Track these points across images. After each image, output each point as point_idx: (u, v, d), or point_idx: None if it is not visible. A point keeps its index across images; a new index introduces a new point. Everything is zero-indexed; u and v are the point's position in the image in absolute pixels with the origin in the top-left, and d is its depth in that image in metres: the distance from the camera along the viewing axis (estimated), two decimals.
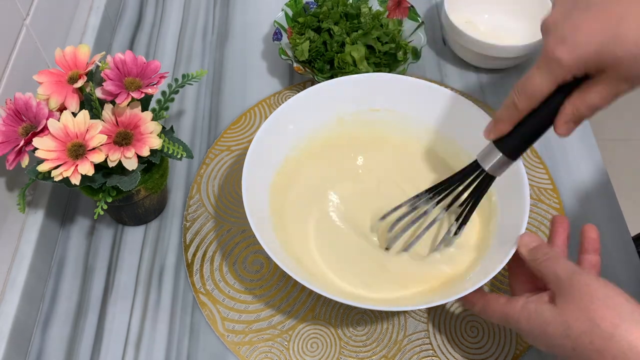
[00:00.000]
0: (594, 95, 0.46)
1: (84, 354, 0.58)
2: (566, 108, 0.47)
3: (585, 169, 0.70)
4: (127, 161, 0.53)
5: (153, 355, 0.58)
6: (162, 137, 0.57)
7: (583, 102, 0.46)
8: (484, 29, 0.82)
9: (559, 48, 0.44)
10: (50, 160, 0.51)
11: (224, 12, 0.87)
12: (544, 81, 0.46)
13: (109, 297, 0.61)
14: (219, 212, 0.67)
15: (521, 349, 0.58)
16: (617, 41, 0.42)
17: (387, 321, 0.59)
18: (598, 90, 0.45)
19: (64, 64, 0.56)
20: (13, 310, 0.56)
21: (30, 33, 0.62)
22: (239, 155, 0.71)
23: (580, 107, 0.47)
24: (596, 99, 0.46)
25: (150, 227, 0.66)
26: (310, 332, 0.59)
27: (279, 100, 0.76)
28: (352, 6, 0.77)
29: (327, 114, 0.65)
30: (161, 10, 0.87)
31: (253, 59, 0.81)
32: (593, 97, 0.46)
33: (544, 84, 0.47)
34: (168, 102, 0.60)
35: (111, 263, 0.63)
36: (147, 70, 0.56)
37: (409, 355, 0.57)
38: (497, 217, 0.58)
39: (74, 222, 0.66)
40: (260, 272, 0.62)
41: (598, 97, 0.46)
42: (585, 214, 0.67)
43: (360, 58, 0.73)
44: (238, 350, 0.57)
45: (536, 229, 0.65)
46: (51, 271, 0.63)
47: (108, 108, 0.55)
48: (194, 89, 0.77)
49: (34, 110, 0.53)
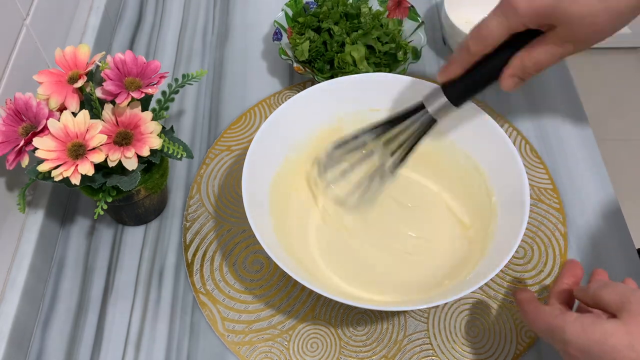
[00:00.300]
0: (540, 51, 0.48)
1: (84, 354, 0.58)
2: (513, 62, 0.49)
3: (585, 169, 0.70)
4: (127, 161, 0.53)
5: (153, 355, 0.58)
6: (162, 137, 0.57)
7: (530, 56, 0.48)
8: None
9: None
10: (50, 160, 0.51)
11: (224, 12, 0.87)
12: (497, 26, 0.48)
13: (109, 297, 0.61)
14: (219, 212, 0.67)
15: (521, 348, 0.58)
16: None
17: (387, 321, 0.59)
18: (545, 47, 0.47)
19: (64, 64, 0.56)
20: (13, 310, 0.56)
21: (30, 33, 0.62)
22: (239, 155, 0.71)
23: (527, 62, 0.48)
24: (542, 55, 0.48)
25: (150, 227, 0.66)
26: (310, 332, 0.59)
27: (279, 100, 0.76)
28: (352, 6, 0.77)
29: (327, 114, 0.65)
30: (161, 10, 0.87)
31: (253, 59, 0.81)
32: (539, 52, 0.48)
33: (497, 29, 0.48)
34: (168, 102, 0.60)
35: (111, 263, 0.63)
36: (147, 70, 0.56)
37: (409, 355, 0.57)
38: (497, 217, 0.58)
39: (74, 222, 0.66)
40: (260, 272, 0.62)
41: (544, 54, 0.48)
42: (585, 213, 0.67)
43: (360, 58, 0.73)
44: (238, 350, 0.57)
45: (536, 229, 0.65)
46: (51, 271, 0.63)
47: (108, 108, 0.55)
48: (194, 89, 0.77)
49: (34, 110, 0.53)
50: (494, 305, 0.60)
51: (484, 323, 0.59)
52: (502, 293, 0.61)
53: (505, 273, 0.62)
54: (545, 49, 0.48)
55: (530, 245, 0.64)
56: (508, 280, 0.62)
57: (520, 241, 0.52)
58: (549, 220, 0.66)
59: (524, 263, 0.63)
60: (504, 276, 0.62)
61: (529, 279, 0.62)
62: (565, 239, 0.65)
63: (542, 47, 0.48)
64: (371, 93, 0.65)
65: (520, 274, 0.62)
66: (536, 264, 0.63)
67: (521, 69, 0.49)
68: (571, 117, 0.75)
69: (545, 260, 0.63)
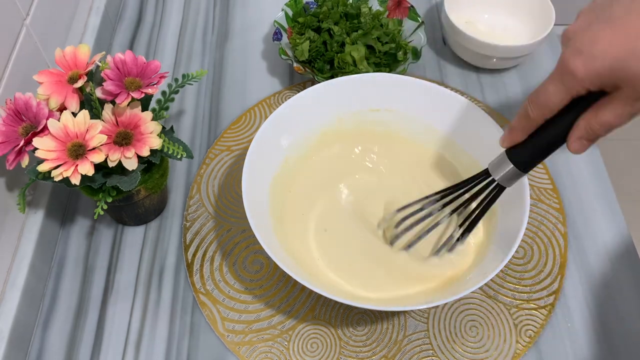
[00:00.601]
0: (608, 112, 0.44)
1: (84, 353, 0.58)
2: (579, 124, 0.46)
3: (585, 169, 0.70)
4: (127, 161, 0.53)
5: (153, 355, 0.58)
6: (162, 137, 0.57)
7: (597, 119, 0.45)
8: (484, 29, 0.82)
9: (574, 59, 0.43)
10: (50, 160, 0.51)
11: (224, 12, 0.87)
12: (556, 93, 0.45)
13: (109, 297, 0.61)
14: (219, 212, 0.67)
15: (521, 348, 0.58)
16: (634, 57, 0.41)
17: (387, 321, 0.59)
18: (612, 107, 0.44)
19: (64, 64, 0.56)
20: (13, 310, 0.56)
21: (30, 33, 0.62)
22: (239, 155, 0.71)
23: (594, 125, 0.45)
24: (610, 117, 0.44)
25: (150, 227, 0.66)
26: (310, 332, 0.59)
27: (279, 100, 0.76)
28: (352, 6, 0.77)
29: (327, 114, 0.65)
30: (161, 10, 0.87)
31: (253, 59, 0.81)
32: (607, 114, 0.44)
33: (556, 95, 0.45)
34: (168, 102, 0.60)
35: (111, 263, 0.63)
36: (147, 70, 0.56)
37: (409, 355, 0.57)
38: (497, 217, 0.58)
39: (74, 222, 0.66)
40: (260, 272, 0.62)
41: (612, 115, 0.44)
42: (585, 213, 0.67)
43: (360, 58, 0.73)
44: (238, 350, 0.57)
45: (536, 229, 0.65)
46: (51, 271, 0.63)
47: (108, 108, 0.55)
48: (194, 89, 0.77)
49: (34, 110, 0.53)
50: (494, 305, 0.60)
51: (484, 323, 0.59)
52: (502, 293, 0.61)
53: (505, 273, 0.62)
54: (613, 110, 0.44)
55: (530, 245, 0.64)
56: (508, 280, 0.62)
57: (520, 241, 0.52)
58: (549, 220, 0.66)
59: (524, 263, 0.63)
60: (504, 276, 0.62)
61: (528, 279, 0.62)
62: (565, 239, 0.65)
63: (609, 108, 0.44)
64: (371, 93, 0.65)
65: (520, 274, 0.62)
66: (536, 264, 0.63)
67: (589, 131, 0.45)
68: None
69: (545, 260, 0.63)
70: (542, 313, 0.60)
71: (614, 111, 0.44)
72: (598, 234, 0.65)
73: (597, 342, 0.58)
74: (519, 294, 0.61)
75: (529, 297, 0.60)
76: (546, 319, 0.59)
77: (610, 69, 0.42)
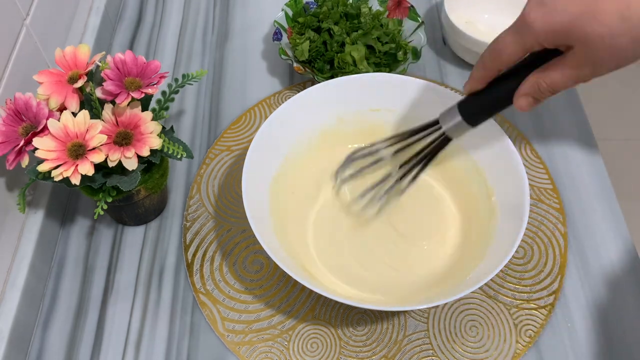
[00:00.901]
0: (556, 72, 0.45)
1: (84, 354, 0.58)
2: (528, 80, 0.46)
3: (585, 169, 0.70)
4: (127, 161, 0.53)
5: (153, 355, 0.58)
6: (162, 137, 0.57)
7: (545, 77, 0.45)
8: (484, 29, 0.82)
9: (534, 11, 0.43)
10: (50, 160, 0.51)
11: (224, 12, 0.87)
12: (512, 43, 0.45)
13: (109, 297, 0.61)
14: (219, 212, 0.67)
15: (521, 348, 0.58)
16: (591, 17, 0.41)
17: (387, 321, 0.59)
18: (562, 68, 0.44)
19: (64, 64, 0.56)
20: (13, 310, 0.56)
21: (30, 33, 0.62)
22: (239, 155, 0.71)
23: (541, 83, 0.46)
24: (557, 77, 0.45)
25: (150, 227, 0.66)
26: (310, 332, 0.59)
27: (279, 100, 0.76)
28: (352, 6, 0.77)
29: (327, 114, 0.65)
30: (161, 10, 0.87)
31: (253, 59, 0.81)
32: (555, 74, 0.45)
33: (511, 45, 0.46)
34: (168, 102, 0.60)
35: (111, 263, 0.63)
36: (147, 70, 0.56)
37: (409, 355, 0.57)
38: (497, 217, 0.58)
39: (74, 222, 0.66)
40: (260, 272, 0.62)
41: (559, 76, 0.45)
42: (585, 214, 0.67)
43: (360, 58, 0.73)
44: (238, 350, 0.57)
45: (536, 229, 0.65)
46: (51, 271, 0.63)
47: (108, 108, 0.55)
48: (194, 89, 0.77)
49: (34, 110, 0.53)
50: (494, 305, 0.60)
51: (484, 323, 0.59)
52: (502, 293, 0.61)
53: (505, 273, 0.62)
54: (561, 71, 0.44)
55: (530, 245, 0.64)
56: (508, 280, 0.62)
57: (520, 241, 0.52)
58: (549, 220, 0.66)
59: (524, 263, 0.63)
60: (504, 276, 0.62)
61: (528, 279, 0.62)
62: (565, 239, 0.65)
63: (558, 68, 0.45)
64: (371, 93, 0.65)
65: (520, 274, 0.62)
66: (536, 264, 0.63)
67: (535, 89, 0.46)
68: (571, 117, 0.75)
69: (545, 261, 0.63)
70: (542, 313, 0.60)
71: (562, 72, 0.44)
72: (598, 234, 0.65)
73: (597, 342, 0.58)
74: (519, 294, 0.61)
75: (529, 297, 0.60)
76: (546, 319, 0.59)
77: (567, 26, 0.42)
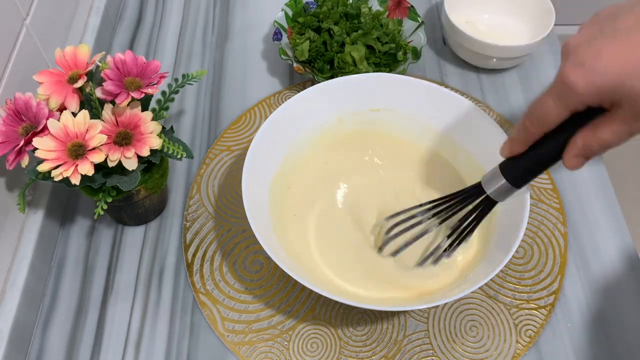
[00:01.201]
0: (606, 131, 0.42)
1: (84, 354, 0.58)
2: (576, 141, 0.44)
3: (585, 169, 0.70)
4: (127, 161, 0.53)
5: (153, 355, 0.58)
6: (162, 137, 0.57)
7: (594, 137, 0.43)
8: (484, 29, 0.82)
9: (574, 72, 0.41)
10: (50, 160, 0.51)
11: (224, 12, 0.87)
12: (555, 107, 0.43)
13: (109, 297, 0.61)
14: (219, 212, 0.67)
15: (521, 348, 0.58)
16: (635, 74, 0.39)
17: (387, 321, 0.59)
18: (611, 126, 0.42)
19: (64, 64, 0.56)
20: (13, 310, 0.56)
21: (30, 33, 0.62)
22: (239, 155, 0.71)
23: (591, 142, 0.43)
24: (608, 135, 0.42)
25: (150, 227, 0.66)
26: (310, 332, 0.59)
27: (279, 100, 0.76)
28: (352, 6, 0.77)
29: (327, 114, 0.65)
30: (161, 10, 0.87)
31: (253, 59, 0.81)
32: (605, 133, 0.42)
33: (555, 109, 0.44)
34: (168, 102, 0.60)
35: (111, 263, 0.63)
36: (147, 70, 0.56)
37: (409, 355, 0.57)
38: (497, 217, 0.58)
39: (74, 222, 0.66)
40: (260, 272, 0.62)
41: (610, 134, 0.42)
42: (585, 214, 0.67)
43: (360, 58, 0.73)
44: (238, 350, 0.57)
45: (536, 229, 0.65)
46: (51, 271, 0.63)
47: (108, 108, 0.55)
48: (194, 89, 0.77)
49: (34, 110, 0.53)
50: (494, 305, 0.60)
51: (484, 323, 0.59)
52: (502, 293, 0.61)
53: (505, 273, 0.62)
54: (611, 129, 0.42)
55: (530, 245, 0.64)
56: (508, 280, 0.62)
57: (520, 241, 0.52)
58: (549, 220, 0.66)
59: (524, 263, 0.63)
60: (504, 276, 0.62)
61: (528, 279, 0.62)
62: (565, 239, 0.65)
63: (607, 125, 0.42)
64: (371, 93, 0.65)
65: (520, 274, 0.62)
66: (536, 264, 0.63)
67: (586, 149, 0.44)
68: None
69: (545, 261, 0.63)
70: (542, 313, 0.60)
71: (613, 130, 0.42)
72: (598, 234, 0.65)
73: (597, 342, 0.58)
74: (519, 294, 0.61)
75: (529, 297, 0.61)
76: (546, 319, 0.59)
77: (612, 85, 0.40)
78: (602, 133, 0.43)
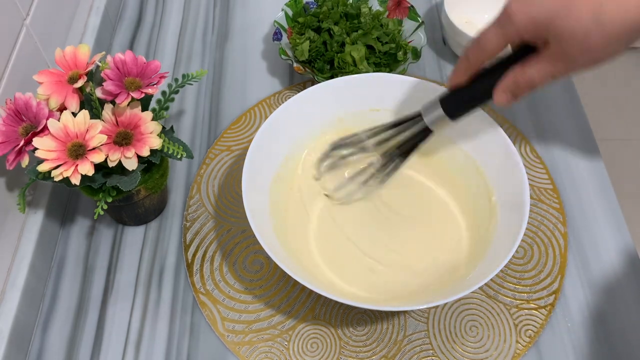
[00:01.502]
0: (533, 68, 0.46)
1: (84, 354, 0.58)
2: (507, 76, 0.48)
3: (585, 169, 0.70)
4: (127, 161, 0.53)
5: (153, 355, 0.58)
6: (162, 137, 0.57)
7: (522, 73, 0.47)
8: None
9: (515, 4, 0.45)
10: (50, 160, 0.51)
11: (224, 12, 0.87)
12: (494, 35, 0.47)
13: (109, 297, 0.61)
14: (219, 212, 0.67)
15: (521, 348, 0.58)
16: (566, 14, 0.42)
17: (387, 321, 0.59)
18: (537, 64, 0.46)
19: (64, 64, 0.56)
20: (13, 310, 0.56)
21: (30, 33, 0.62)
22: (239, 155, 0.71)
23: (519, 79, 0.47)
24: (534, 74, 0.46)
25: (150, 227, 0.66)
26: (310, 332, 0.59)
27: (279, 100, 0.76)
28: (352, 6, 0.77)
29: (327, 114, 0.65)
30: (161, 10, 0.87)
31: (253, 59, 0.81)
32: (532, 70, 0.46)
33: (494, 37, 0.47)
34: (168, 102, 0.60)
35: (111, 263, 0.63)
36: (147, 70, 0.56)
37: (409, 355, 0.57)
38: (497, 217, 0.58)
39: (74, 222, 0.66)
40: (260, 272, 0.62)
41: (536, 72, 0.46)
42: (585, 214, 0.67)
43: (360, 58, 0.73)
44: (238, 350, 0.57)
45: (536, 229, 0.65)
46: (51, 271, 0.63)
47: (108, 108, 0.55)
48: (194, 89, 0.77)
49: (34, 110, 0.53)
50: (494, 305, 0.60)
51: (484, 323, 0.59)
52: (502, 293, 0.61)
53: (505, 273, 0.62)
54: (538, 66, 0.46)
55: (530, 245, 0.64)
56: (508, 280, 0.62)
57: (520, 241, 0.52)
58: (549, 220, 0.66)
59: (524, 263, 0.63)
60: (504, 276, 0.62)
61: (528, 279, 0.62)
62: (565, 239, 0.65)
63: (534, 63, 0.46)
64: (371, 93, 0.65)
65: (520, 274, 0.62)
66: (536, 264, 0.63)
67: (514, 84, 0.48)
68: (571, 117, 0.75)
69: (545, 261, 0.63)
70: (542, 313, 0.60)
71: (539, 68, 0.46)
72: (598, 234, 0.65)
73: (597, 342, 0.58)
74: (519, 294, 0.61)
75: (529, 297, 0.61)
76: (546, 319, 0.59)
77: (545, 20, 0.43)
78: (529, 70, 0.46)
